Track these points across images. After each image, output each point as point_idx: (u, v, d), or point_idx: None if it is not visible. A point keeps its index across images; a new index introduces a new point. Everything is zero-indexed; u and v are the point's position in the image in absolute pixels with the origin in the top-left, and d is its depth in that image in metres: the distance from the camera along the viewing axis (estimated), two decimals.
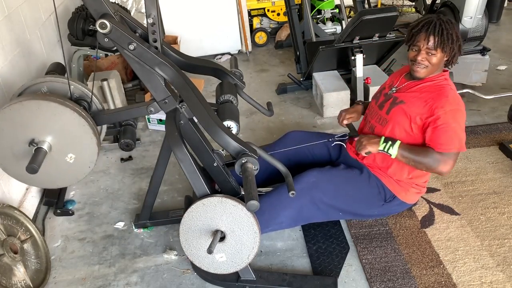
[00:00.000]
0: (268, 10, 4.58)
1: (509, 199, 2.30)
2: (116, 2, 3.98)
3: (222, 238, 1.73)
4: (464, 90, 3.18)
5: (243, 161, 1.62)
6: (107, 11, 1.59)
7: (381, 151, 1.96)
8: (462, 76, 3.28)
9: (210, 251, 1.62)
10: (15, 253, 1.93)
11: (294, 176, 1.84)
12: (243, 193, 1.69)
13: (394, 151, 1.93)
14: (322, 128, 3.12)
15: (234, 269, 1.80)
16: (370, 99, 2.48)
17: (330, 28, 4.37)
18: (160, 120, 3.17)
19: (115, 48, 1.61)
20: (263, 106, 2.07)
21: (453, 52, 1.91)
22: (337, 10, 4.49)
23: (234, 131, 1.78)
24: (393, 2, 5.29)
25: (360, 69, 3.13)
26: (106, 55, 3.37)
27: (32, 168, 1.57)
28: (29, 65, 2.60)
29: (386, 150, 1.94)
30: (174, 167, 2.71)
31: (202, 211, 1.70)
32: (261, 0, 4.53)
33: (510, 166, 2.55)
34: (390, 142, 1.94)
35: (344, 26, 3.96)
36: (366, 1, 4.32)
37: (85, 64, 3.47)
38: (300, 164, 2.24)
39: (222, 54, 4.46)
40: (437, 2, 3.77)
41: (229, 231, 1.72)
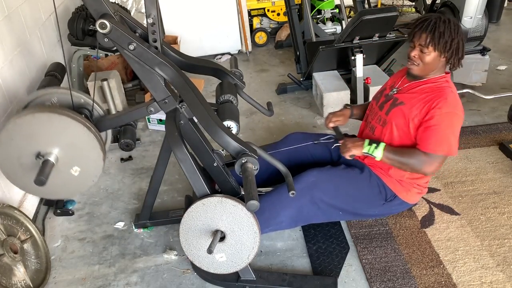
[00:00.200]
0: (268, 10, 4.58)
1: (509, 199, 2.31)
2: (116, 2, 3.98)
3: (222, 238, 1.73)
4: (464, 90, 3.18)
5: (243, 161, 1.62)
6: (107, 11, 1.59)
7: (365, 154, 1.97)
8: (462, 76, 3.28)
9: (210, 251, 1.62)
10: (15, 253, 1.93)
11: (294, 176, 1.84)
12: (243, 193, 1.69)
13: (378, 153, 1.93)
14: (322, 128, 3.11)
15: (234, 269, 1.80)
16: (370, 99, 2.48)
17: (330, 28, 4.37)
18: (160, 120, 3.17)
19: (115, 48, 1.61)
20: (263, 106, 2.07)
21: (449, 51, 1.86)
22: (337, 10, 4.49)
23: (234, 131, 1.78)
24: (393, 2, 5.29)
25: (360, 69, 3.14)
26: (106, 55, 3.37)
27: (40, 181, 1.57)
28: (29, 65, 2.59)
29: (370, 152, 1.95)
30: (174, 167, 2.71)
31: (202, 211, 1.70)
32: (261, 0, 4.53)
33: (510, 166, 2.55)
34: (374, 144, 1.95)
35: (344, 26, 3.96)
36: (366, 1, 4.32)
37: (85, 64, 3.47)
38: (300, 164, 2.23)
39: (222, 54, 4.46)
40: (437, 2, 3.77)
41: (229, 231, 1.71)
